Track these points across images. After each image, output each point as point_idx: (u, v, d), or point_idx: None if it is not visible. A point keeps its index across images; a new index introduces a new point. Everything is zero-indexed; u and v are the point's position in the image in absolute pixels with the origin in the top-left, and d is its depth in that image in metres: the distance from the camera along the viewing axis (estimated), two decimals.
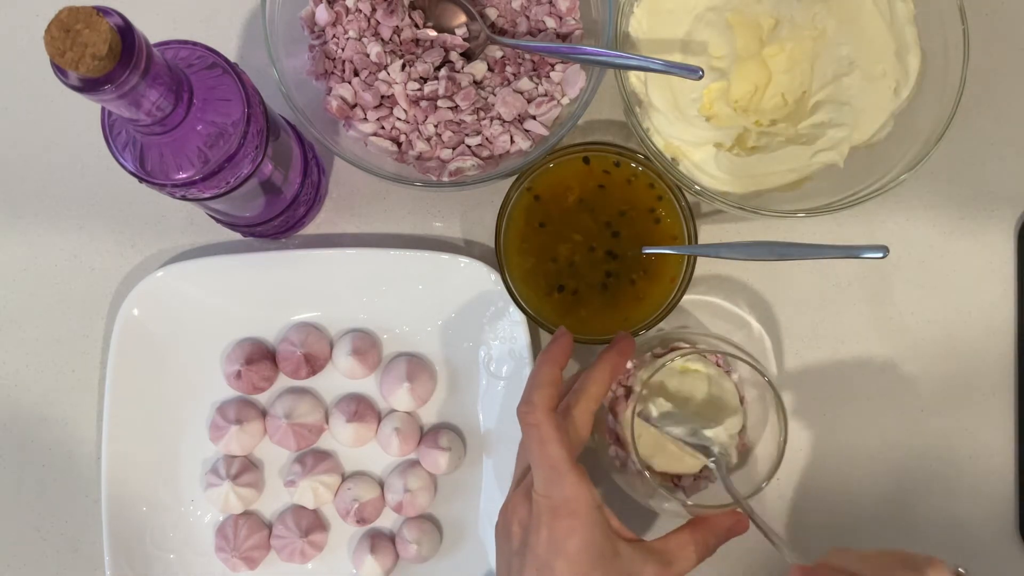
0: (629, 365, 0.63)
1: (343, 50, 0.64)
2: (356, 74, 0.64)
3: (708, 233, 0.69)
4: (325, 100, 0.64)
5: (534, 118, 0.64)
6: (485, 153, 0.64)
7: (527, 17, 0.66)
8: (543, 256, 0.62)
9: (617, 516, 0.67)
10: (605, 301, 0.62)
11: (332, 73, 0.65)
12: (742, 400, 0.62)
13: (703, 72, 0.56)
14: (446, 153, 0.64)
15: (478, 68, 0.65)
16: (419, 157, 0.64)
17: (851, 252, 0.58)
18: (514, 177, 0.62)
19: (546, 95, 0.65)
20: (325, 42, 0.65)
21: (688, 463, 0.60)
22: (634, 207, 0.63)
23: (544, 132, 0.64)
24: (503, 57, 0.65)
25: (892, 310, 0.69)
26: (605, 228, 0.62)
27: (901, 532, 0.67)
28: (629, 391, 0.63)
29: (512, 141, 0.64)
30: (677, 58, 0.64)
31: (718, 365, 0.62)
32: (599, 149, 0.63)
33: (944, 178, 0.70)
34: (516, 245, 0.62)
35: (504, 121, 0.64)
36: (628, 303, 0.62)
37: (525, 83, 0.64)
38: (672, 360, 0.60)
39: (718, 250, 0.62)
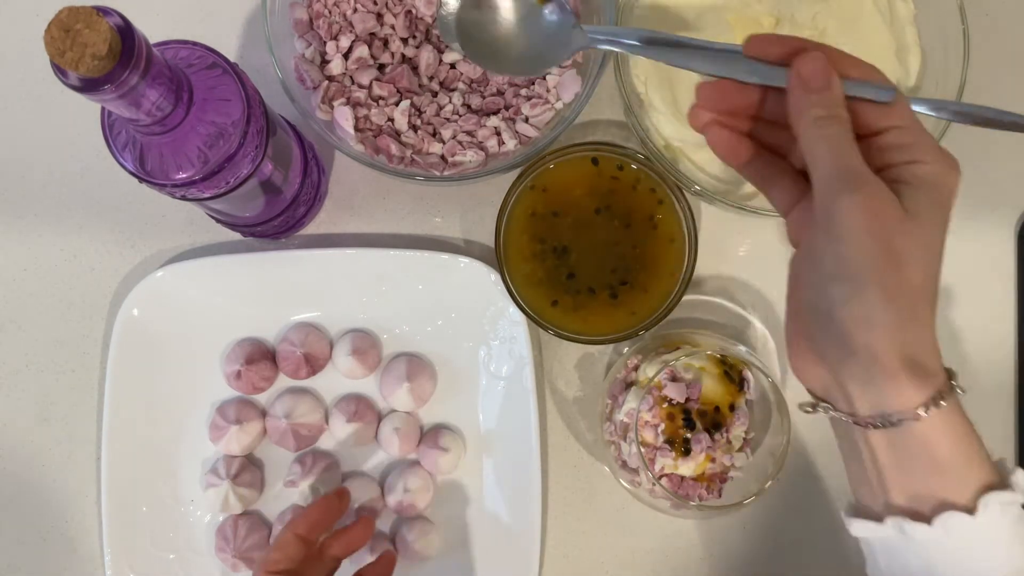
0: (634, 361, 0.63)
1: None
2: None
3: (708, 232, 0.68)
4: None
5: (527, 120, 0.64)
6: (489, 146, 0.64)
7: None
8: (543, 256, 0.62)
9: (618, 516, 0.67)
10: (605, 300, 0.62)
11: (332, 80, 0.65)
12: (746, 401, 0.62)
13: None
14: (438, 147, 0.64)
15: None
16: (417, 151, 0.64)
17: None
18: (515, 176, 0.62)
19: (540, 97, 0.65)
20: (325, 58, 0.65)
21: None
22: (633, 207, 0.62)
23: (535, 134, 0.64)
24: None
25: None
26: (604, 228, 0.62)
27: None
28: (630, 386, 0.63)
29: (501, 142, 0.64)
30: None
31: (723, 364, 0.62)
32: (599, 149, 0.63)
33: None
34: (516, 245, 0.62)
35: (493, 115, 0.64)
36: (628, 302, 0.62)
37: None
38: (677, 359, 0.60)
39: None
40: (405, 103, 0.64)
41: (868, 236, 0.39)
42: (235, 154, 0.51)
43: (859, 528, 0.43)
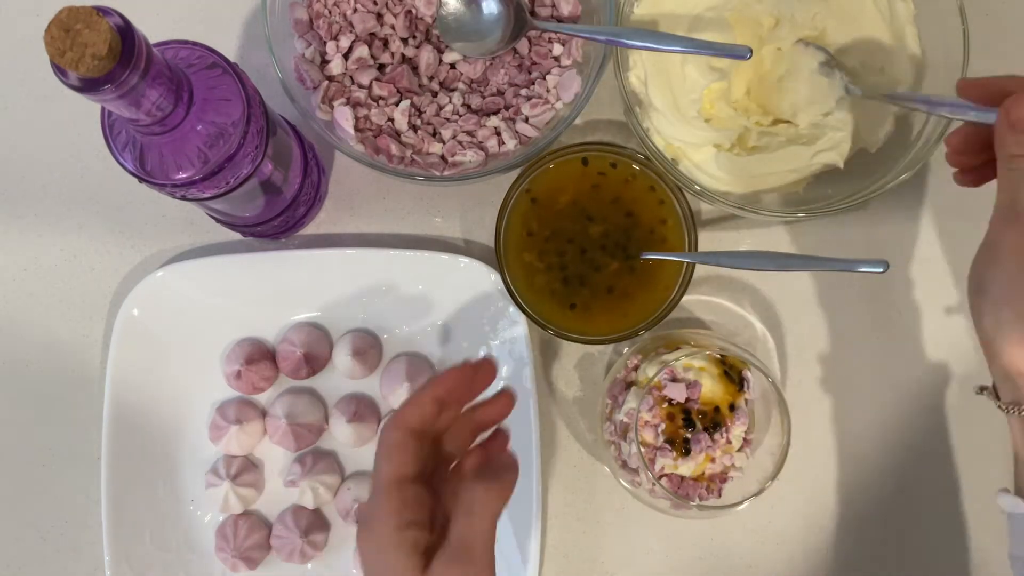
0: (634, 361, 0.63)
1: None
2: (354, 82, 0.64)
3: (708, 233, 0.69)
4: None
5: (527, 120, 0.64)
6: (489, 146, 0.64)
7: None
8: (543, 256, 0.62)
9: (616, 515, 0.67)
10: (605, 301, 0.62)
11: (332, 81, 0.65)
12: (746, 401, 0.62)
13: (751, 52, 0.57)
14: (438, 147, 0.64)
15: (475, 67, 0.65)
16: (417, 151, 0.64)
17: (850, 265, 0.58)
18: (515, 176, 0.62)
19: (540, 97, 0.65)
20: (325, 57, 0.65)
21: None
22: (634, 209, 0.63)
23: (535, 134, 0.64)
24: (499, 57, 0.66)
25: (893, 310, 0.69)
26: (605, 228, 0.62)
27: (902, 531, 0.67)
28: (630, 386, 0.63)
29: (501, 142, 0.64)
30: (676, 60, 0.64)
31: (723, 364, 0.62)
32: (599, 150, 0.63)
33: (944, 178, 0.69)
34: (516, 245, 0.62)
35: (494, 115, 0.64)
36: (628, 303, 0.62)
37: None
38: (677, 359, 0.60)
39: (718, 258, 0.62)
40: (405, 103, 0.64)
41: (1015, 259, 0.46)
42: (235, 154, 0.51)
43: (1005, 502, 0.50)
